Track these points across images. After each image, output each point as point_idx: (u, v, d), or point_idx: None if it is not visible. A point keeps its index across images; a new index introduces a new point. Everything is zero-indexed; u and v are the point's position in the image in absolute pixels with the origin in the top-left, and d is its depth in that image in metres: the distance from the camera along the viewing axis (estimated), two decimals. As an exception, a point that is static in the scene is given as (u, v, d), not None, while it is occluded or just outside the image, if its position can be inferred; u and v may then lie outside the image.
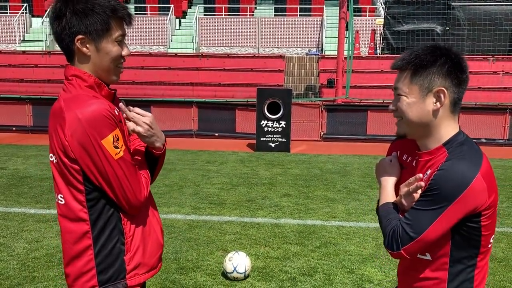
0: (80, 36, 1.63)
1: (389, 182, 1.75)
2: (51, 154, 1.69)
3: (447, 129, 1.63)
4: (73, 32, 1.63)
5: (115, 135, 1.61)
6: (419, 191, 1.61)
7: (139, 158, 1.82)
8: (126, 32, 1.76)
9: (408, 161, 1.76)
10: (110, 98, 1.74)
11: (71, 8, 1.61)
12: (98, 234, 1.68)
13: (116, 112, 1.67)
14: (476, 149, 1.61)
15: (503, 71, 14.95)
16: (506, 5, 16.05)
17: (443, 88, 1.58)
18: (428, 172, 1.60)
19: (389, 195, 1.72)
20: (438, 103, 1.60)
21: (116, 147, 1.61)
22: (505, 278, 4.31)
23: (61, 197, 1.70)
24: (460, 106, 1.66)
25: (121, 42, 1.72)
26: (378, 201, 1.78)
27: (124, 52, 1.74)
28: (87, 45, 1.65)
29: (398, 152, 1.83)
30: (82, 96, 1.62)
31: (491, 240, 1.66)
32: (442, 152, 1.61)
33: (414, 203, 1.61)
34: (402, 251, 1.58)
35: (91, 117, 1.56)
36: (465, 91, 1.64)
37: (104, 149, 1.58)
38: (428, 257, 1.65)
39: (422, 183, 1.60)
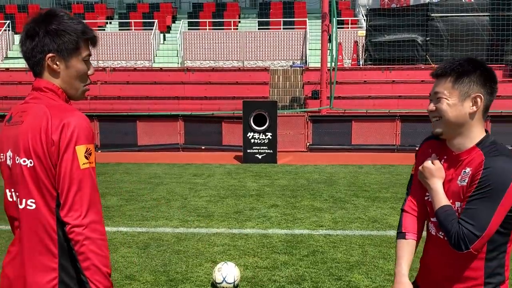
0: (51, 54, 1.75)
1: (439, 184, 1.88)
2: (24, 158, 1.70)
3: (478, 130, 1.86)
4: (44, 50, 1.75)
5: (89, 148, 1.69)
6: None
7: None
8: (92, 53, 1.89)
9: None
10: None
11: (44, 28, 1.74)
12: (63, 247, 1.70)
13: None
14: (505, 147, 1.84)
15: (482, 79, 15.29)
16: (483, 15, 16.48)
17: (480, 94, 1.82)
18: (468, 170, 1.81)
19: (443, 198, 1.85)
20: (474, 107, 1.82)
21: (86, 158, 1.68)
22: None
23: (31, 202, 1.71)
24: (488, 112, 1.90)
25: (87, 62, 1.84)
26: (430, 201, 1.91)
27: (90, 71, 1.86)
28: (57, 62, 1.77)
29: (431, 150, 2.00)
30: (67, 106, 1.76)
31: None
32: (476, 151, 1.82)
33: (467, 204, 1.77)
34: (471, 249, 1.74)
35: (78, 124, 1.67)
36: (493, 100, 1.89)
37: (75, 154, 1.66)
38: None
39: None
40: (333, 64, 13.98)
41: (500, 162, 1.74)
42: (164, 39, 20.58)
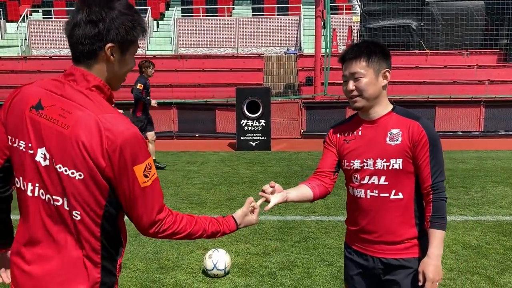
0: (111, 44, 1.61)
1: (438, 258, 2.08)
2: (72, 170, 1.57)
3: (386, 98, 2.19)
4: (107, 39, 1.60)
5: (148, 163, 1.61)
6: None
7: None
8: None
9: (351, 135, 2.24)
10: None
11: (111, 14, 1.59)
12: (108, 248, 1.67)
13: None
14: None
15: (477, 64, 15.28)
16: (478, 0, 16.39)
17: (388, 69, 2.14)
18: (396, 131, 2.10)
19: (440, 241, 2.08)
20: (385, 80, 2.14)
21: (146, 176, 1.61)
22: (478, 265, 4.44)
23: (76, 213, 1.61)
24: None
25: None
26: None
27: (134, 65, 1.78)
28: (114, 54, 1.63)
29: (338, 135, 2.29)
30: (120, 115, 1.61)
31: None
32: (394, 115, 2.15)
33: (432, 163, 2.05)
34: (446, 194, 2.10)
35: (134, 139, 1.57)
36: None
37: (134, 176, 1.59)
38: (400, 196, 2.12)
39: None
40: (327, 50, 13.91)
41: (426, 121, 2.11)
42: (158, 27, 20.41)
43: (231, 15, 20.45)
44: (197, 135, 13.21)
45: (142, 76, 8.84)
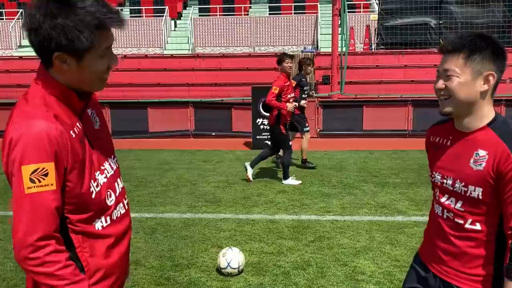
0: (58, 54, 1.46)
1: None
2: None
3: (488, 108, 1.78)
4: (51, 48, 1.44)
5: (43, 168, 1.39)
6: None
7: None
8: (114, 37, 1.56)
9: (441, 142, 1.92)
10: (79, 110, 1.58)
11: (49, 21, 1.41)
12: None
13: (72, 134, 1.49)
14: None
15: (497, 63, 14.99)
16: (499, -3, 16.09)
17: (493, 72, 1.74)
18: (483, 153, 1.72)
19: None
20: (486, 85, 1.74)
21: (32, 181, 1.39)
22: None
23: None
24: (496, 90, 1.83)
25: (108, 53, 1.54)
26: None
27: (112, 62, 1.56)
28: (67, 61, 1.48)
29: (432, 137, 2.00)
30: (34, 112, 1.46)
31: None
32: (488, 131, 1.75)
33: (511, 198, 1.66)
34: None
35: (28, 137, 1.40)
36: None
37: (20, 175, 1.40)
38: (477, 227, 1.77)
39: None
40: (344, 48, 13.80)
41: None
42: (175, 26, 20.52)
43: (248, 14, 20.45)
44: (213, 133, 13.24)
45: (299, 74, 8.96)
